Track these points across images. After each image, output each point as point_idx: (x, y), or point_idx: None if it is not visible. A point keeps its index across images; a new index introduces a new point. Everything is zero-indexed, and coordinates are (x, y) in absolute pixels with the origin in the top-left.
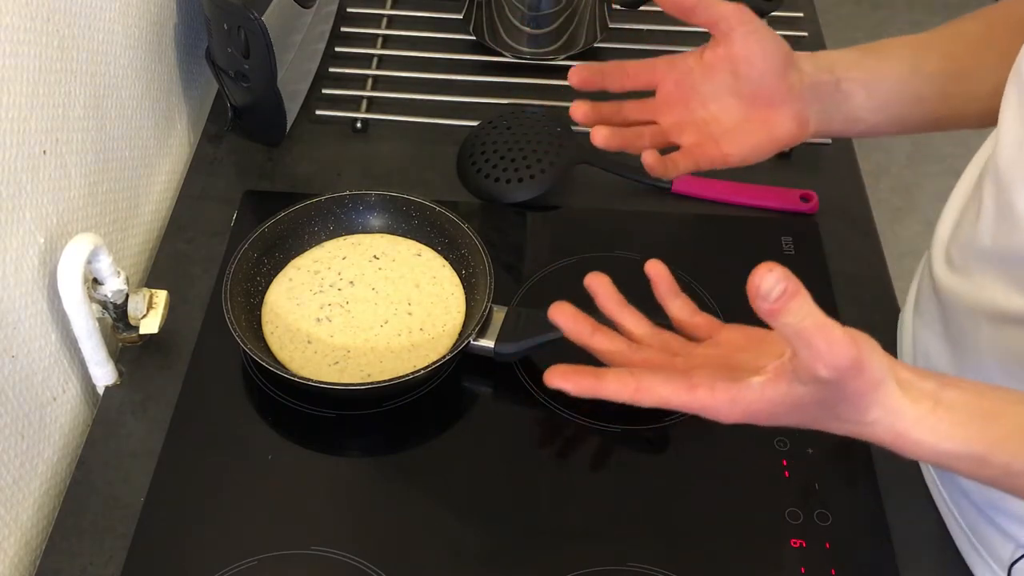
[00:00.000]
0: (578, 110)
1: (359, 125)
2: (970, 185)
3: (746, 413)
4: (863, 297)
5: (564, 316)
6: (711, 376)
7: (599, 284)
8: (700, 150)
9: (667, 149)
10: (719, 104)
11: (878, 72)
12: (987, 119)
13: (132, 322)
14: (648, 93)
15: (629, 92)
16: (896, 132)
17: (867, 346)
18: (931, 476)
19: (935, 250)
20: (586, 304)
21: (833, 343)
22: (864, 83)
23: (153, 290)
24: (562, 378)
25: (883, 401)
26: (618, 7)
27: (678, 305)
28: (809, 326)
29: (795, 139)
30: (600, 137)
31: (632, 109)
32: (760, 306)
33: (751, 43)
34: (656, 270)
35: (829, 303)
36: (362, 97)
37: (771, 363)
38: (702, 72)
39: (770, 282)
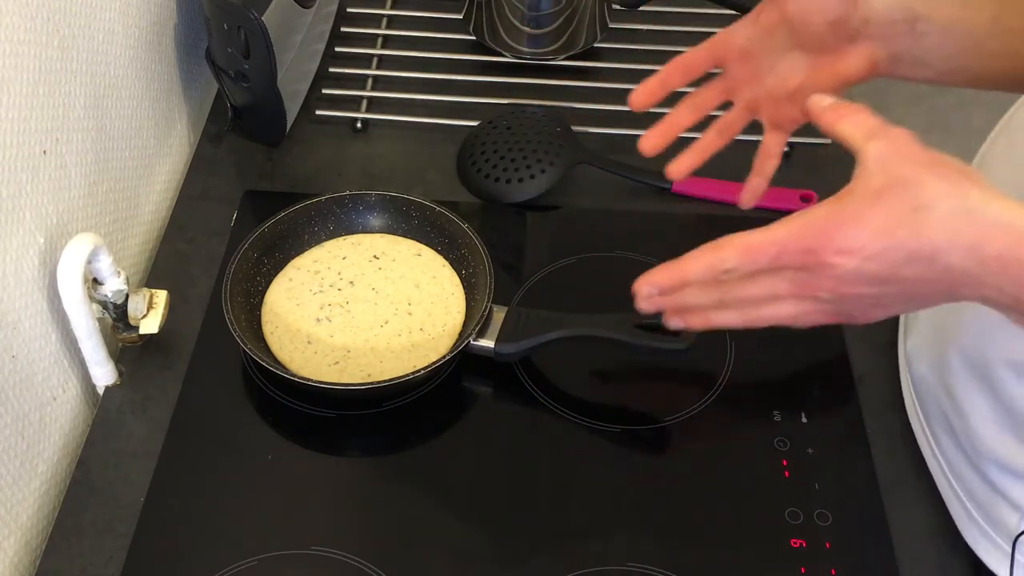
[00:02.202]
0: (647, 143)
1: (359, 125)
2: None
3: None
4: None
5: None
6: None
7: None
8: (781, 117)
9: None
10: (785, 63)
11: (957, 17)
12: None
13: (132, 322)
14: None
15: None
16: (963, 84)
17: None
18: (932, 451)
19: None
20: (586, 304)
21: None
22: (941, 27)
23: (153, 290)
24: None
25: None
26: (618, 7)
27: None
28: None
29: (865, 78)
30: (676, 171)
31: (707, 99)
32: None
33: (802, 1)
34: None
35: None
36: (362, 97)
37: None
38: (761, 38)
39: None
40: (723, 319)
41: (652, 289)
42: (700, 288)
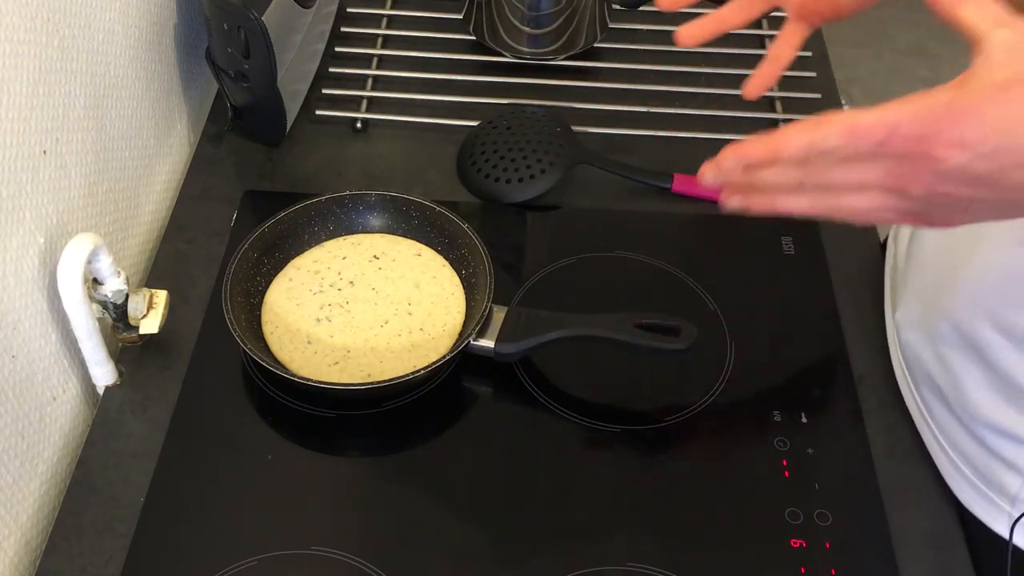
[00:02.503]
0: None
1: (359, 125)
2: None
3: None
4: (863, 297)
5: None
6: None
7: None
8: (809, 7)
9: None
10: None
11: None
12: None
13: (132, 322)
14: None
15: None
16: None
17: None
18: (924, 417)
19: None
20: (586, 304)
21: None
22: None
23: (153, 290)
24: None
25: None
26: (618, 7)
27: None
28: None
29: None
30: (688, 35)
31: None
32: None
33: None
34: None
35: (829, 303)
36: (362, 97)
37: None
38: None
39: None
40: (792, 204)
41: (737, 163)
42: (783, 167)
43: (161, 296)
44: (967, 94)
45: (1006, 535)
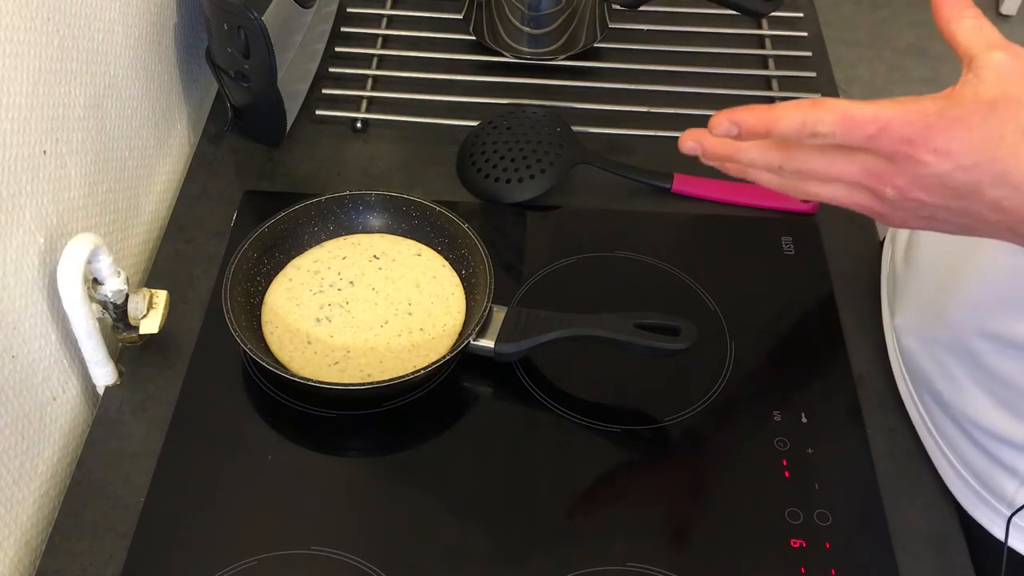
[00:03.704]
0: (689, 140)
1: (359, 125)
2: None
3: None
4: (863, 297)
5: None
6: None
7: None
8: None
9: None
10: None
11: None
12: None
13: (132, 322)
14: None
15: None
16: None
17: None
18: (925, 423)
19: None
20: (586, 304)
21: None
22: None
23: (153, 290)
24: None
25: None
26: (618, 7)
27: None
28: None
29: None
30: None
31: None
32: None
33: None
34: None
35: (829, 303)
36: (362, 97)
37: None
38: None
39: None
40: (761, 178)
41: (731, 128)
42: (766, 147)
43: (161, 296)
44: (956, 105)
45: (1002, 537)
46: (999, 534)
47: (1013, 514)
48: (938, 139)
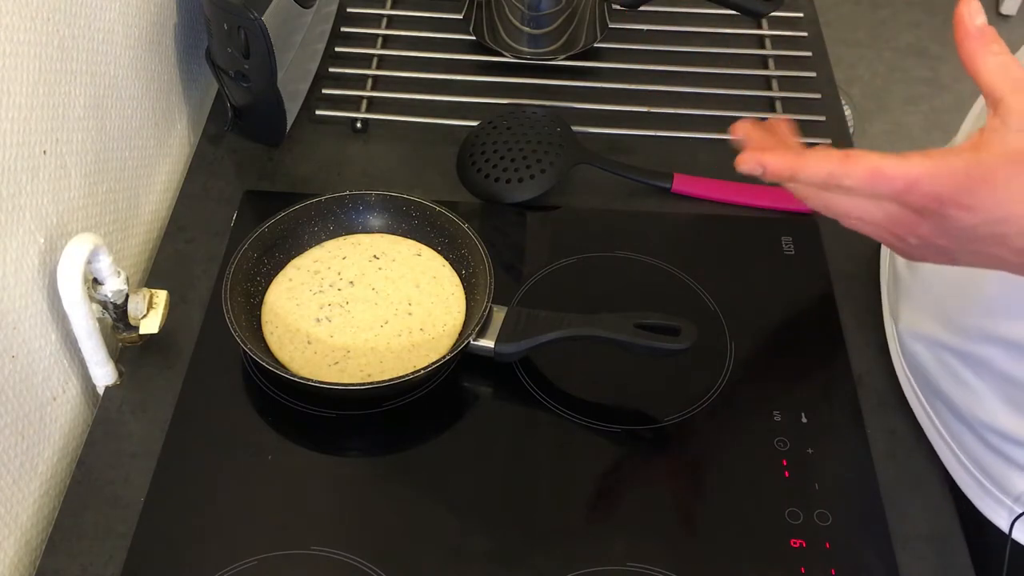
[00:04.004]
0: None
1: (359, 125)
2: None
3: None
4: (863, 297)
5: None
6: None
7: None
8: None
9: None
10: None
11: None
12: None
13: (132, 322)
14: None
15: None
16: None
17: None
18: (931, 421)
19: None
20: (586, 304)
21: None
22: None
23: (153, 290)
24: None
25: None
26: (618, 7)
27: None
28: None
29: None
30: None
31: None
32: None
33: None
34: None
35: (829, 303)
36: (362, 97)
37: None
38: None
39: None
40: (800, 193)
41: (756, 168)
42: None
43: (161, 296)
44: (984, 162)
45: (1007, 530)
46: (1002, 525)
47: (1019, 516)
48: (966, 197)
